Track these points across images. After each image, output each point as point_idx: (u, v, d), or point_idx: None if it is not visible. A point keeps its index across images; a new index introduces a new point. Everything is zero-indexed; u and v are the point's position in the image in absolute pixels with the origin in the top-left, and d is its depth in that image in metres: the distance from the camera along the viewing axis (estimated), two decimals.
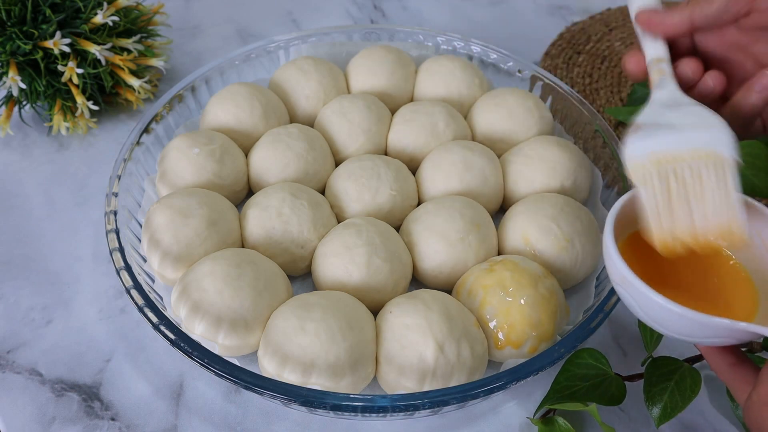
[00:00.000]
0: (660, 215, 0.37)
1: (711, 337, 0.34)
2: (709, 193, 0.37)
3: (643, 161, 0.38)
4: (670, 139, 0.38)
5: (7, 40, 0.60)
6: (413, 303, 0.44)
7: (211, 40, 0.81)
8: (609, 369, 0.44)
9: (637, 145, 0.38)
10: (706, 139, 0.37)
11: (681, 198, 0.37)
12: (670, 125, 0.38)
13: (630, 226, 0.39)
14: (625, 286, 0.36)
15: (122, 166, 0.54)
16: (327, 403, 0.39)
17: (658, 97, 0.40)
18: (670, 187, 0.37)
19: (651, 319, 0.36)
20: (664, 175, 0.37)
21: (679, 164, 0.37)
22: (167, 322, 0.43)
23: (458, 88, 0.63)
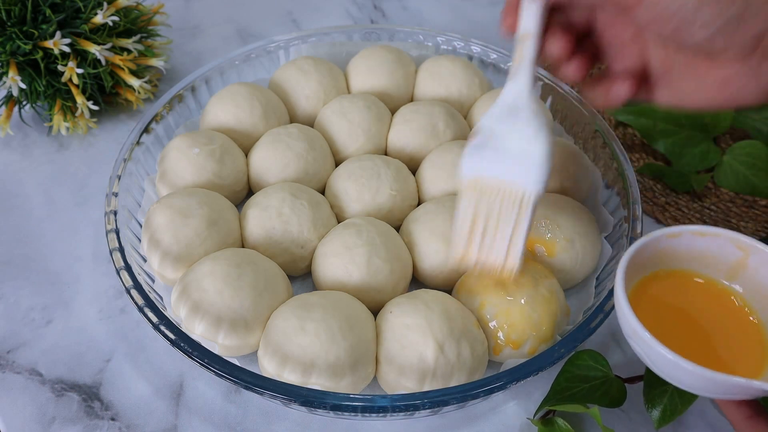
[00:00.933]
0: (460, 232, 0.41)
1: (725, 393, 0.34)
2: (501, 228, 0.40)
3: (467, 179, 0.41)
4: (492, 164, 0.40)
5: (7, 40, 0.60)
6: (413, 303, 0.44)
7: (211, 40, 0.81)
8: (609, 371, 0.44)
9: (469, 162, 0.41)
10: (521, 170, 0.40)
11: (480, 224, 0.40)
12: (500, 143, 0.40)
13: (643, 269, 0.39)
14: (636, 340, 0.36)
15: (122, 166, 0.54)
16: (327, 403, 0.39)
17: (506, 94, 0.41)
18: (477, 210, 0.41)
19: (662, 372, 0.36)
20: (477, 198, 0.41)
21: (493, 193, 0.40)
22: (167, 322, 0.43)
23: (458, 88, 0.63)
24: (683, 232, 0.39)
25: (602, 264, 0.51)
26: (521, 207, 0.40)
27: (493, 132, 0.40)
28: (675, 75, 0.38)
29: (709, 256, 0.40)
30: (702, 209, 0.60)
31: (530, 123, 0.40)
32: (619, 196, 0.54)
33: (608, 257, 0.51)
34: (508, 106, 0.41)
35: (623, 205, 0.52)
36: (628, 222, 0.50)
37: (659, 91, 0.39)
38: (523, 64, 0.40)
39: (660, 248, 0.39)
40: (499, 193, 0.40)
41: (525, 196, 0.40)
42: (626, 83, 0.39)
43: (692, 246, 0.40)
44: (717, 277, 0.40)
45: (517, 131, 0.40)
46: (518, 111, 0.40)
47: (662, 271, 0.40)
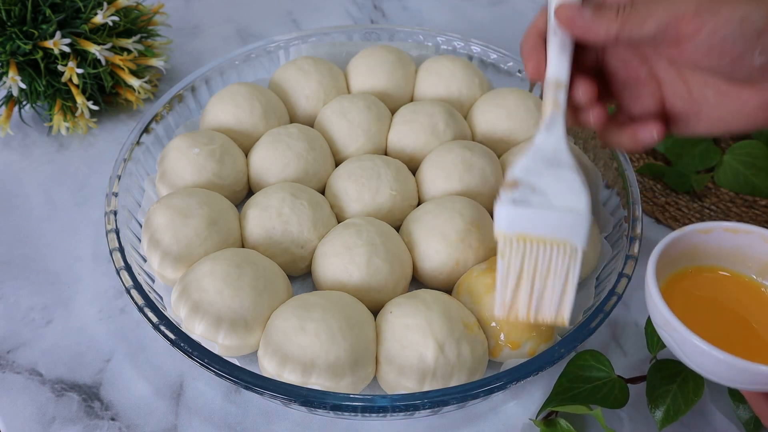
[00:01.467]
0: (507, 287, 0.41)
1: (755, 384, 0.34)
2: (550, 281, 0.40)
3: (509, 234, 0.40)
4: (538, 221, 0.40)
5: (7, 40, 0.60)
6: (413, 303, 0.44)
7: (211, 40, 0.81)
8: (611, 371, 0.44)
9: (508, 215, 0.40)
10: (566, 226, 0.40)
11: (528, 278, 0.41)
12: (543, 198, 0.40)
13: (673, 265, 0.40)
14: (668, 330, 0.36)
15: (122, 166, 0.54)
16: (327, 403, 0.39)
17: (543, 144, 0.41)
18: (523, 266, 0.40)
19: (693, 362, 0.36)
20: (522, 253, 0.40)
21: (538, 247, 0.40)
22: (167, 322, 0.43)
23: (458, 88, 0.63)
24: (715, 228, 0.40)
25: (602, 264, 0.51)
26: (570, 261, 0.40)
27: (534, 186, 0.40)
28: (707, 105, 0.38)
29: (740, 252, 0.40)
30: (702, 209, 0.60)
31: (572, 177, 0.40)
32: (619, 196, 0.54)
33: (608, 257, 0.51)
34: (546, 159, 0.40)
35: (623, 205, 0.52)
36: (628, 222, 0.50)
37: (684, 123, 0.40)
38: (558, 112, 0.40)
39: (691, 243, 0.40)
40: (546, 248, 0.40)
41: (572, 252, 0.40)
42: (653, 128, 0.39)
43: (723, 242, 0.40)
44: (747, 274, 0.40)
45: (560, 184, 0.40)
46: (559, 165, 0.40)
47: (693, 267, 0.41)
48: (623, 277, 0.46)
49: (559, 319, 0.41)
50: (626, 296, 0.53)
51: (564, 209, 0.40)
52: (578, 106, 0.41)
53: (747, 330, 0.39)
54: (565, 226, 0.40)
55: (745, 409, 0.44)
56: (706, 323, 0.37)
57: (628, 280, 0.46)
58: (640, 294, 0.53)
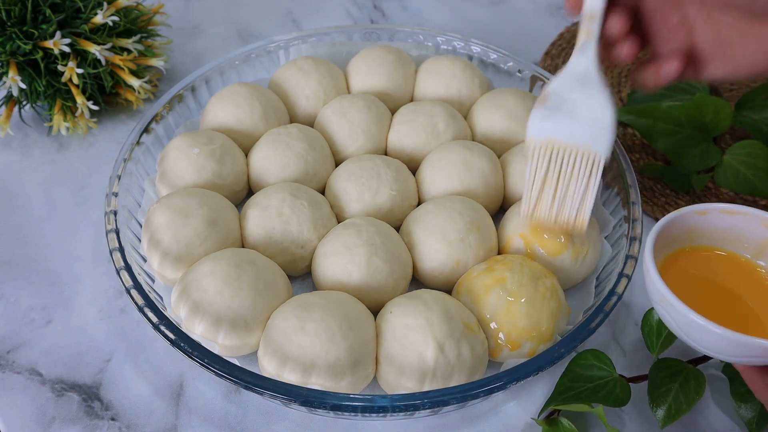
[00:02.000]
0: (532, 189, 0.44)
1: (749, 356, 0.35)
2: (572, 186, 0.44)
3: (539, 140, 0.44)
4: (565, 128, 0.43)
5: (7, 40, 0.60)
6: (413, 303, 0.44)
7: (211, 40, 0.81)
8: (613, 370, 0.44)
9: (539, 123, 0.44)
10: (591, 135, 0.43)
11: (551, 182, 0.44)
12: (572, 109, 0.43)
13: (669, 246, 0.40)
14: (665, 306, 0.37)
15: (122, 166, 0.54)
16: (327, 403, 0.39)
17: (575, 65, 0.44)
18: (548, 170, 0.44)
19: (690, 338, 0.37)
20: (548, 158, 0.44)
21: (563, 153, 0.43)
22: (167, 322, 0.43)
23: (458, 88, 0.63)
24: (711, 209, 0.40)
25: (602, 264, 0.51)
26: (592, 168, 0.43)
27: (565, 98, 0.43)
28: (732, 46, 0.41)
29: (736, 234, 0.41)
30: None
31: (600, 93, 0.43)
32: (619, 196, 0.54)
33: (608, 257, 0.51)
34: (577, 76, 0.43)
35: (623, 205, 0.52)
36: (628, 222, 0.50)
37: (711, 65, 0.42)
38: (591, 39, 0.43)
39: (688, 225, 0.40)
40: (572, 154, 0.43)
41: (596, 159, 0.43)
42: (675, 61, 0.42)
43: (720, 224, 0.41)
44: (743, 254, 0.41)
45: (588, 100, 0.43)
46: (588, 82, 0.43)
47: (689, 247, 0.41)
48: (623, 277, 0.46)
49: (578, 224, 0.44)
50: (626, 296, 0.53)
51: (590, 119, 0.43)
52: (611, 41, 0.44)
53: (742, 306, 0.39)
54: (590, 135, 0.43)
55: (747, 408, 0.44)
56: (703, 300, 0.38)
57: (628, 280, 0.46)
58: (640, 294, 0.54)
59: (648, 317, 0.46)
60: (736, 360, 0.36)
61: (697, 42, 0.43)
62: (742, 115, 0.62)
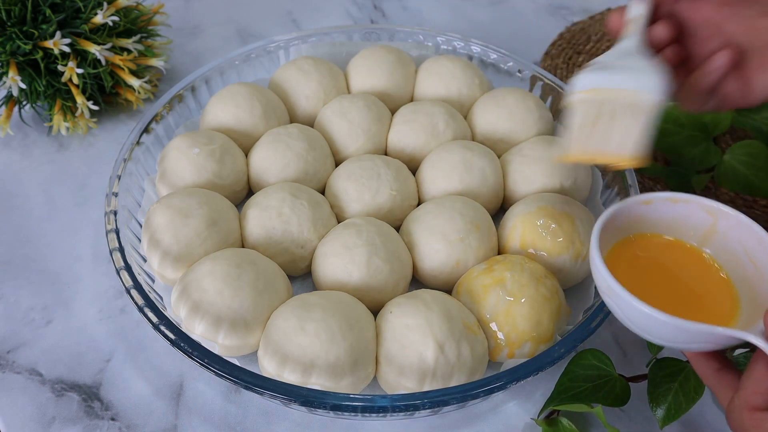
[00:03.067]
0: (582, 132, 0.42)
1: (694, 342, 0.35)
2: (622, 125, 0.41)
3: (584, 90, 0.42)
4: (611, 77, 0.42)
5: (7, 40, 0.60)
6: (413, 303, 0.44)
7: (211, 40, 0.81)
8: (613, 370, 0.44)
9: (585, 77, 0.42)
10: (640, 82, 0.41)
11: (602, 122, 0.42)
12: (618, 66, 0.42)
13: (615, 236, 0.40)
14: (611, 295, 0.37)
15: (122, 166, 0.54)
16: (327, 403, 0.39)
17: (621, 45, 0.43)
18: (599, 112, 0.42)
19: (636, 326, 0.37)
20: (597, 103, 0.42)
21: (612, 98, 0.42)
22: (167, 322, 0.43)
23: (458, 88, 0.63)
24: (655, 199, 0.40)
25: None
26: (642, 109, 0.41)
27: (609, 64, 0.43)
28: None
29: (681, 222, 0.41)
30: None
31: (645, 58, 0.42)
32: (619, 196, 0.54)
33: None
34: (620, 52, 0.43)
35: None
36: None
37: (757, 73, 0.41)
38: (634, 31, 0.43)
39: (633, 214, 0.40)
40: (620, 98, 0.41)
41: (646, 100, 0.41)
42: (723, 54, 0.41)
43: (665, 212, 0.41)
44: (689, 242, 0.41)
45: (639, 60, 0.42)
46: (631, 54, 0.43)
47: (636, 235, 0.41)
48: None
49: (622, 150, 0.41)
50: None
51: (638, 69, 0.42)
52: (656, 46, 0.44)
53: (688, 293, 0.39)
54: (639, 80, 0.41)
55: None
56: (650, 287, 0.38)
57: None
58: None
59: None
60: (684, 347, 0.36)
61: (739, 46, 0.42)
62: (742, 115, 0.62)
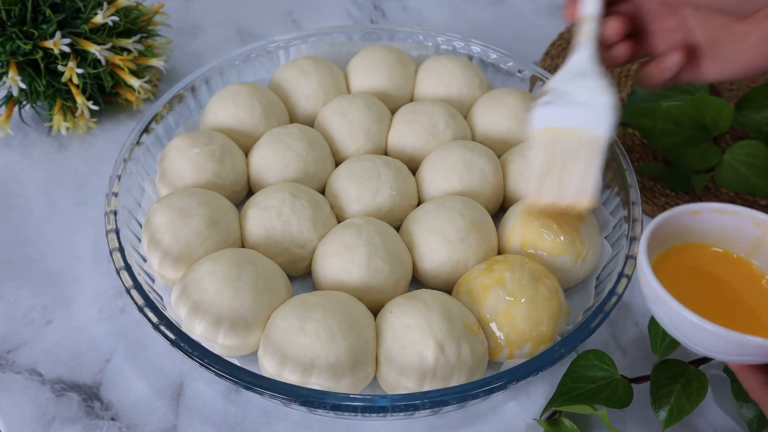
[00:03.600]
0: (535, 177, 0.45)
1: (744, 355, 0.35)
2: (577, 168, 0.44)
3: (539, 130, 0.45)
4: (565, 114, 0.44)
5: (7, 40, 0.60)
6: (413, 303, 0.44)
7: (211, 40, 0.81)
8: (615, 371, 0.44)
9: (541, 114, 0.45)
10: (592, 118, 0.44)
11: (555, 167, 0.44)
12: (571, 98, 0.44)
13: (663, 244, 0.40)
14: (659, 305, 0.37)
15: (122, 166, 0.54)
16: (327, 403, 0.39)
17: (573, 62, 0.46)
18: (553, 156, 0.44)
19: (684, 337, 0.36)
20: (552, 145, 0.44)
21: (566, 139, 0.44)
22: (167, 322, 0.43)
23: (458, 88, 0.63)
24: (704, 209, 0.40)
25: (602, 264, 0.51)
26: (593, 149, 0.44)
27: (563, 91, 0.45)
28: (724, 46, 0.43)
29: (729, 233, 0.41)
30: None
31: (596, 81, 0.44)
32: (619, 196, 0.54)
33: (608, 257, 0.51)
34: (574, 71, 0.45)
35: (623, 205, 0.52)
36: (628, 222, 0.50)
37: (706, 65, 0.45)
38: (587, 39, 0.45)
39: (681, 224, 0.41)
40: (572, 138, 0.44)
41: (596, 139, 0.44)
42: (676, 54, 0.44)
43: (712, 223, 0.41)
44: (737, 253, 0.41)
45: (587, 88, 0.44)
46: (585, 74, 0.45)
47: (683, 245, 0.41)
48: (623, 277, 0.46)
49: (581, 199, 0.44)
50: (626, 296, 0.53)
51: (589, 103, 0.44)
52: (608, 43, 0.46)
53: (737, 304, 0.39)
54: (590, 117, 0.44)
55: (749, 409, 0.44)
56: (697, 297, 0.38)
57: (628, 280, 0.46)
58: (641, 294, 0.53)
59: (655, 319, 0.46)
60: (731, 359, 0.36)
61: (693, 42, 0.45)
62: (742, 115, 0.62)
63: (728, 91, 0.72)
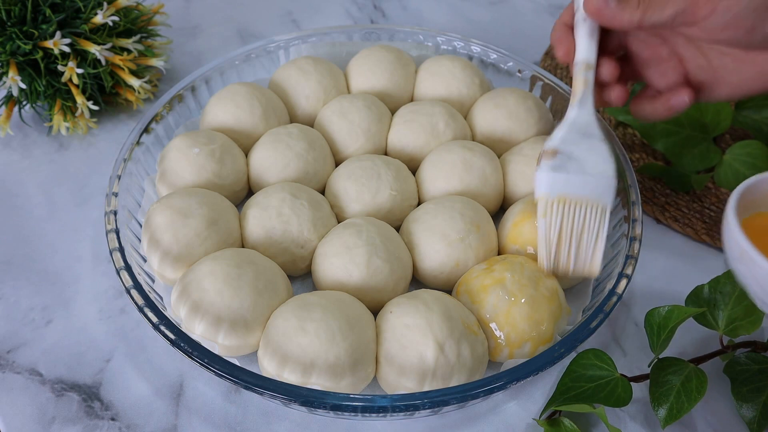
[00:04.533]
0: (550, 244, 0.46)
1: None
2: (585, 237, 0.46)
3: (550, 197, 0.46)
4: (575, 183, 0.46)
5: (7, 40, 0.60)
6: (414, 303, 0.44)
7: (211, 40, 0.81)
8: (614, 370, 0.44)
9: (549, 180, 0.46)
10: (597, 188, 0.46)
11: (566, 235, 0.46)
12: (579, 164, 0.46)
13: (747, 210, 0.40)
14: (745, 261, 0.36)
15: (122, 166, 0.54)
16: (327, 403, 0.39)
17: (576, 118, 0.47)
18: (562, 224, 0.46)
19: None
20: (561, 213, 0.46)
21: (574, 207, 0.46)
22: (167, 322, 0.43)
23: (458, 88, 0.63)
24: None
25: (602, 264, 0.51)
26: (600, 219, 0.46)
27: (571, 155, 0.46)
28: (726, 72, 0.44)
29: None
30: (702, 209, 0.60)
31: (601, 146, 0.46)
32: (619, 196, 0.54)
33: (608, 257, 0.51)
34: (580, 131, 0.47)
35: (623, 205, 0.52)
36: (628, 222, 0.50)
37: (708, 90, 0.45)
38: (588, 90, 0.47)
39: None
40: (581, 209, 0.46)
41: (602, 211, 0.46)
42: (686, 92, 0.45)
43: None
44: None
45: (592, 153, 0.46)
46: (591, 136, 0.47)
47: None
48: (623, 277, 0.46)
49: (592, 271, 0.47)
50: (626, 296, 0.53)
51: (596, 174, 0.46)
52: (603, 84, 0.47)
53: None
54: (597, 188, 0.46)
55: (748, 408, 0.44)
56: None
57: (628, 280, 0.46)
58: (640, 294, 0.54)
59: (650, 316, 0.46)
60: None
61: (690, 70, 0.46)
62: (742, 115, 0.62)
63: None
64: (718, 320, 0.45)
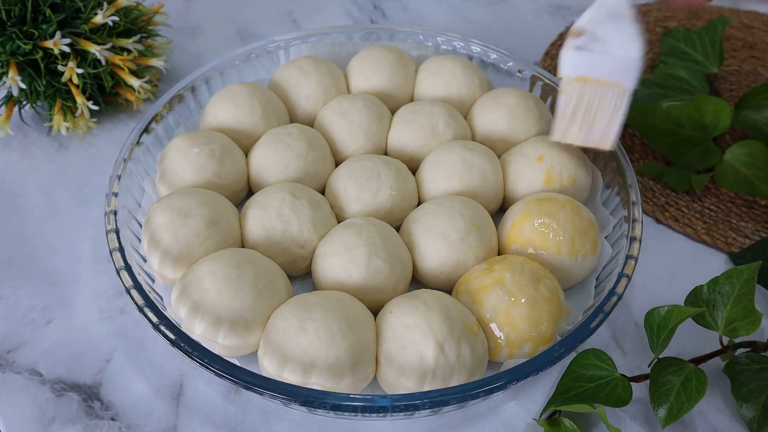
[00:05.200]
0: (565, 119, 0.49)
1: None
2: (601, 115, 0.48)
3: (572, 76, 0.48)
4: (597, 64, 0.47)
5: (7, 40, 0.60)
6: (414, 303, 0.44)
7: (211, 40, 0.81)
8: (614, 370, 0.44)
9: (574, 59, 0.48)
10: (620, 70, 0.47)
11: (582, 112, 0.48)
12: (603, 44, 0.47)
13: None
14: None
15: (122, 166, 0.54)
16: (327, 403, 0.39)
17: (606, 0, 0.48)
18: (582, 101, 0.48)
19: None
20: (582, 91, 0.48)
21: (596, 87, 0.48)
22: (167, 322, 0.43)
23: (458, 88, 0.63)
24: None
25: (602, 264, 0.51)
26: (620, 99, 0.47)
27: (596, 36, 0.47)
28: None
29: None
30: (702, 209, 0.60)
31: (630, 27, 0.47)
32: (618, 196, 0.54)
33: (608, 257, 0.51)
34: (609, 11, 0.47)
35: (623, 205, 0.52)
36: (628, 222, 0.50)
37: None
38: None
39: None
40: (601, 87, 0.47)
41: (622, 92, 0.47)
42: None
43: None
44: None
45: (619, 33, 0.47)
46: (620, 17, 0.47)
47: None
48: (623, 277, 0.46)
49: (604, 144, 0.49)
50: (626, 296, 0.53)
51: (620, 55, 0.46)
52: None
53: None
54: (620, 70, 0.47)
55: (748, 408, 0.44)
56: None
57: (628, 280, 0.46)
58: (640, 294, 0.54)
59: (650, 316, 0.46)
60: None
61: None
62: (742, 115, 0.62)
63: (728, 91, 0.72)
64: (717, 320, 0.45)
